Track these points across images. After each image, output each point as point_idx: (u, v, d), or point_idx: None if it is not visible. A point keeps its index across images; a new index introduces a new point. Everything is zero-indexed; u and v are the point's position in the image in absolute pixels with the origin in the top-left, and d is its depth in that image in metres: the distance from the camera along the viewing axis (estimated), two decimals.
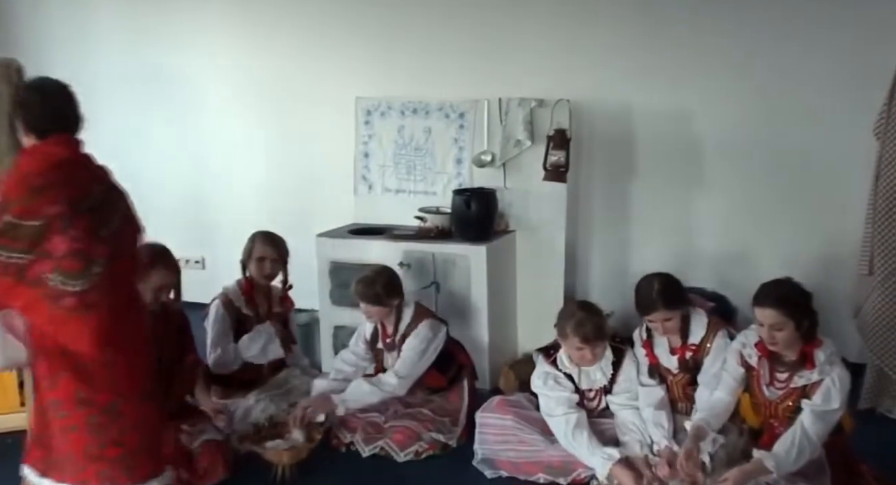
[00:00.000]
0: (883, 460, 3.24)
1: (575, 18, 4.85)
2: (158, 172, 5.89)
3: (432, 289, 4.45)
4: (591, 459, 3.27)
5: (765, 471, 2.92)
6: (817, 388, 3.02)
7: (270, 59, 5.52)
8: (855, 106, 4.18)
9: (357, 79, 5.21)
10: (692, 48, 4.68)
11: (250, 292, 4.05)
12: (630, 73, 4.80)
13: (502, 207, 4.67)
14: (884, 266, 3.89)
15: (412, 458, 3.62)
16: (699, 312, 3.50)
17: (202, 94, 5.74)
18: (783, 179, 4.61)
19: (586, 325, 3.36)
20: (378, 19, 5.24)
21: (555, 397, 3.44)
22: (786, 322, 2.98)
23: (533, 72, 4.87)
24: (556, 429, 3.40)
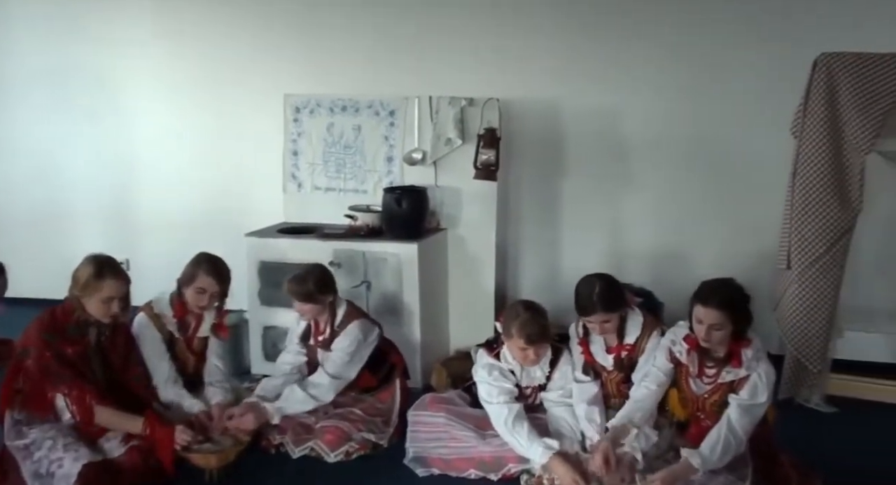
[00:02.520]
0: (801, 447, 3.33)
1: (504, 18, 4.90)
2: (81, 173, 5.74)
3: (363, 288, 4.42)
4: (529, 449, 3.27)
5: (692, 470, 2.98)
6: (744, 383, 3.09)
7: (196, 56, 5.42)
8: (775, 105, 4.32)
9: (285, 76, 5.16)
10: (619, 48, 4.78)
11: (182, 316, 3.75)
12: (559, 72, 4.86)
13: (433, 206, 4.67)
14: (800, 260, 4.02)
15: (343, 458, 3.58)
16: (636, 313, 3.54)
17: (126, 93, 5.60)
18: (708, 176, 4.75)
19: (531, 326, 3.38)
20: (307, 15, 5.19)
21: (497, 387, 3.45)
22: (726, 323, 3.04)
23: (463, 70, 4.90)
24: (495, 416, 3.39)
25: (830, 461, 3.35)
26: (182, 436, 3.30)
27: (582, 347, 3.54)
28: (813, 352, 4.05)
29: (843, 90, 3.92)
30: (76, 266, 3.37)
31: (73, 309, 3.32)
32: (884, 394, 4.16)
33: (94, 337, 3.38)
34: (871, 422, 3.96)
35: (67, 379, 3.25)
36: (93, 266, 3.32)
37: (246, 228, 4.71)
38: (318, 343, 3.85)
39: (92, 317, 3.33)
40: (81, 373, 3.29)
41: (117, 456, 3.24)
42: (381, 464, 3.57)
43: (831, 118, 3.95)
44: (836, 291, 4.03)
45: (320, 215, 4.83)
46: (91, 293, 3.29)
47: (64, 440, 3.22)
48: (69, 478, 3.07)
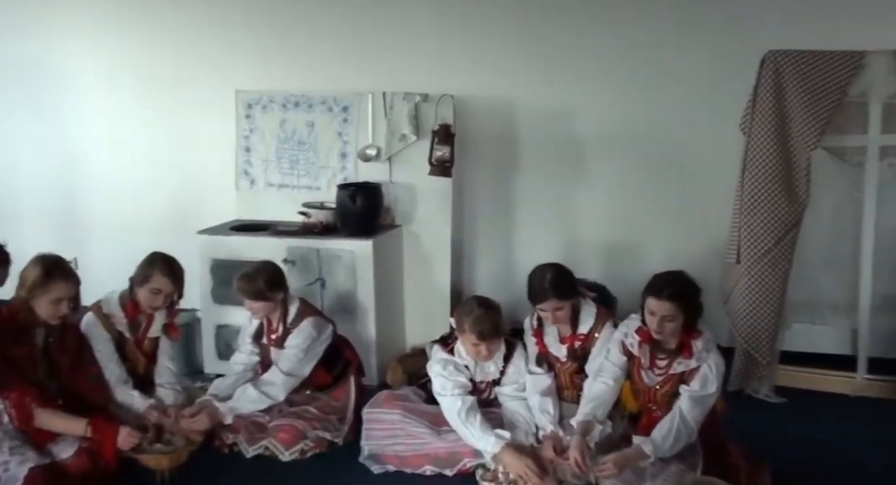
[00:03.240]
0: (750, 437, 3.40)
1: (458, 15, 4.90)
2: (27, 170, 5.61)
3: (318, 285, 4.38)
4: (481, 440, 3.28)
5: (643, 456, 3.02)
6: (695, 374, 3.14)
7: (146, 52, 5.33)
8: (724, 102, 4.37)
9: (237, 72, 5.10)
10: (572, 47, 4.81)
11: (134, 316, 3.68)
12: (513, 70, 4.88)
13: (388, 202, 4.66)
14: (749, 254, 4.10)
15: (297, 457, 3.55)
16: (589, 303, 3.59)
17: (72, 89, 5.48)
18: (659, 172, 4.80)
19: (484, 322, 3.39)
20: (258, 10, 5.12)
21: (452, 380, 3.46)
22: (678, 314, 3.08)
23: (417, 66, 4.89)
24: (448, 408, 3.40)
25: (779, 450, 3.42)
26: (128, 439, 3.23)
27: (536, 337, 3.58)
28: (762, 344, 4.13)
29: (790, 87, 4.00)
30: (24, 267, 3.29)
31: (18, 310, 3.24)
32: (830, 384, 4.25)
33: (41, 339, 3.30)
34: (818, 412, 4.04)
35: (8, 381, 3.17)
36: (41, 267, 3.24)
37: (198, 226, 4.65)
38: (271, 341, 3.81)
39: (40, 318, 3.25)
40: (25, 375, 3.21)
41: (65, 458, 3.17)
42: (337, 462, 3.55)
43: (779, 115, 4.03)
44: (784, 285, 4.11)
45: (274, 213, 4.79)
46: (39, 295, 3.21)
47: (10, 444, 3.13)
48: (15, 481, 3.00)
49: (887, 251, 4.23)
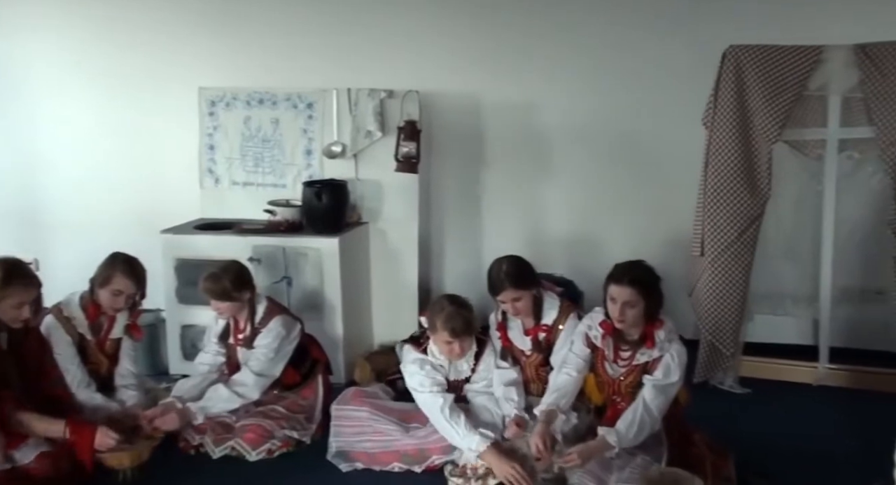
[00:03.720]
0: (715, 428, 3.43)
1: (423, 10, 4.89)
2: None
3: (284, 284, 4.36)
4: (466, 437, 3.27)
5: (608, 446, 3.05)
6: (658, 364, 3.18)
7: (108, 48, 5.24)
8: (687, 96, 4.40)
9: (200, 69, 5.04)
10: (537, 43, 4.83)
11: (95, 318, 3.63)
12: (478, 66, 4.88)
13: (354, 199, 4.64)
14: (713, 247, 4.14)
15: (265, 456, 3.52)
16: (552, 295, 3.62)
17: (34, 84, 5.38)
18: (625, 166, 4.83)
19: (455, 319, 3.39)
20: (222, 7, 5.07)
21: (431, 378, 3.46)
22: (639, 300, 3.12)
23: (382, 62, 4.87)
24: (430, 404, 3.38)
25: (743, 440, 3.47)
26: (105, 439, 3.20)
27: (500, 332, 3.61)
28: (726, 336, 4.18)
29: (750, 82, 4.04)
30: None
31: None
32: (792, 374, 4.31)
33: (4, 343, 3.24)
34: (781, 401, 4.10)
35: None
36: (0, 271, 3.17)
37: (161, 225, 4.60)
38: (239, 342, 3.78)
39: (1, 322, 3.19)
40: None
41: (27, 464, 3.12)
42: (305, 461, 3.53)
43: (740, 109, 4.07)
44: (747, 277, 4.16)
45: (239, 211, 4.75)
46: (0, 299, 3.15)
47: None
48: None
49: (847, 243, 4.29)
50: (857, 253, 4.31)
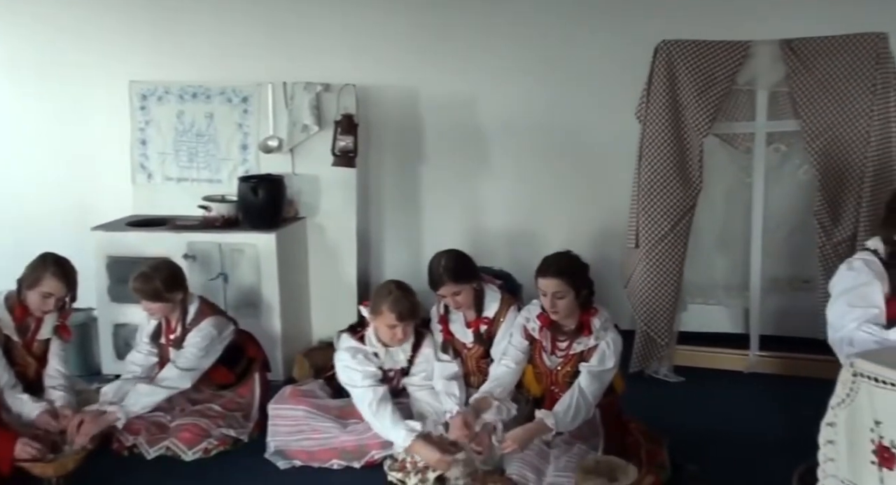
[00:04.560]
0: (650, 416, 3.51)
1: (359, 3, 4.85)
2: None
3: (220, 281, 4.30)
4: (392, 431, 3.28)
5: (545, 429, 3.10)
6: (594, 352, 3.24)
7: (34, 42, 5.09)
8: (622, 90, 4.46)
9: (131, 61, 4.93)
10: (474, 36, 4.83)
11: (22, 320, 3.51)
12: (415, 59, 4.87)
13: (291, 194, 4.59)
14: (647, 239, 4.21)
15: (201, 456, 3.46)
16: (493, 288, 3.65)
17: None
18: (561, 160, 4.88)
19: (402, 303, 3.39)
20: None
21: (362, 371, 3.44)
22: (567, 290, 3.17)
23: (318, 56, 4.83)
24: (360, 399, 3.38)
25: (677, 427, 3.54)
26: (26, 449, 3.11)
27: (441, 325, 3.63)
28: (661, 326, 4.26)
29: (682, 76, 4.12)
30: None
31: None
32: (725, 362, 4.42)
33: None
34: (713, 389, 4.19)
35: None
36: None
37: (92, 222, 4.49)
38: (170, 342, 3.70)
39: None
40: None
41: None
42: (242, 459, 3.49)
43: (672, 103, 4.14)
44: (680, 267, 4.25)
45: (173, 207, 4.66)
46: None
47: None
48: None
49: (775, 233, 4.41)
50: (786, 243, 4.45)
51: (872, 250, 2.83)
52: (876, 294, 2.70)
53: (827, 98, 4.00)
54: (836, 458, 2.33)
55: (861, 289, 2.72)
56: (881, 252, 2.80)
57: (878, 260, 2.78)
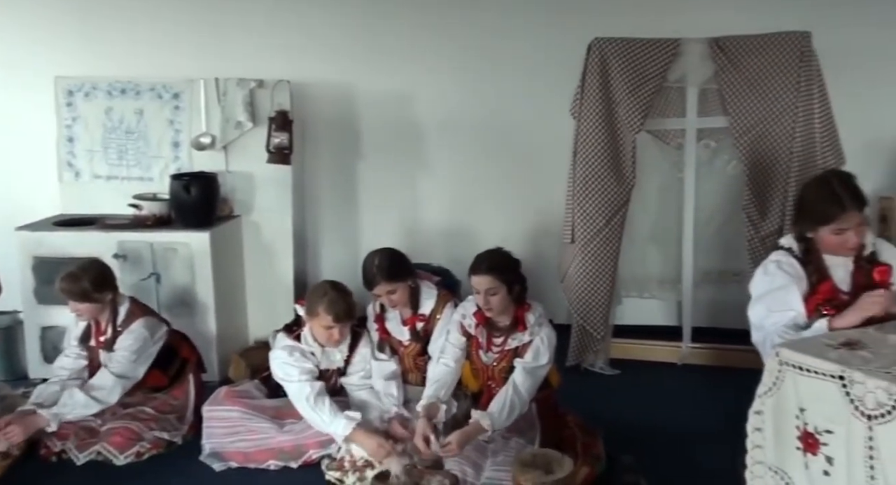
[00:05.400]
0: (586, 409, 3.56)
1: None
2: None
3: (152, 281, 4.20)
4: (332, 424, 3.25)
5: (481, 430, 3.11)
6: (528, 347, 3.26)
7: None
8: (557, 87, 4.51)
9: (56, 56, 4.77)
10: (410, 32, 4.83)
11: None
12: (350, 55, 4.84)
13: (225, 192, 4.52)
14: (583, 234, 4.27)
15: (134, 460, 3.39)
16: (429, 285, 3.64)
17: None
18: (498, 156, 4.90)
19: (338, 304, 3.36)
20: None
21: (298, 367, 3.40)
22: (499, 287, 3.19)
23: (251, 51, 4.76)
24: (296, 393, 3.34)
25: (613, 419, 3.61)
26: None
27: (377, 323, 3.61)
28: (596, 319, 4.32)
29: (614, 73, 4.18)
30: None
31: None
32: (659, 354, 4.51)
33: None
34: (648, 381, 4.27)
35: None
36: None
37: (17, 221, 4.35)
38: (100, 344, 3.61)
39: None
40: None
41: None
42: (176, 462, 3.42)
43: (605, 100, 4.20)
44: (615, 262, 4.31)
45: (102, 206, 4.55)
46: None
47: None
48: None
49: (706, 227, 4.51)
50: (716, 237, 4.54)
51: (787, 249, 2.91)
52: (792, 296, 2.78)
53: (754, 95, 4.10)
54: (763, 445, 2.40)
55: (777, 293, 2.80)
56: (795, 250, 2.88)
57: (793, 259, 2.86)
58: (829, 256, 2.84)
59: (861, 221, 2.78)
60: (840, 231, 2.76)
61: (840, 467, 2.16)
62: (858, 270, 2.82)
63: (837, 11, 4.37)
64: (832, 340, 2.39)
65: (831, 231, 2.77)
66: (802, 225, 2.88)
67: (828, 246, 2.82)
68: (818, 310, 2.76)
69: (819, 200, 2.81)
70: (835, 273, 2.83)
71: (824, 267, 2.83)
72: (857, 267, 2.82)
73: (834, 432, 2.17)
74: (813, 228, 2.82)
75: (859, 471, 2.10)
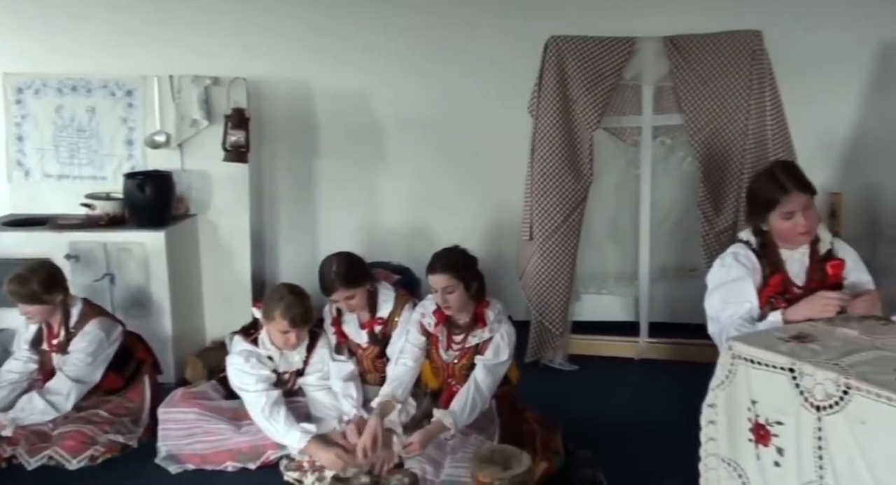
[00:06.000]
0: (545, 404, 3.58)
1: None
2: None
3: (106, 281, 4.13)
4: (287, 435, 3.23)
5: (444, 428, 3.11)
6: (488, 344, 3.27)
7: None
8: (515, 85, 4.52)
9: (4, 53, 4.67)
10: (366, 29, 4.81)
11: None
12: (309, 52, 4.81)
13: (181, 191, 4.46)
14: (541, 231, 4.29)
15: (87, 464, 3.32)
16: (387, 287, 3.61)
17: None
18: (457, 154, 4.91)
19: (295, 308, 3.32)
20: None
21: (255, 374, 3.36)
22: (456, 284, 3.19)
23: (206, 48, 4.70)
24: (252, 404, 3.31)
25: (571, 413, 3.63)
26: None
27: (334, 327, 3.57)
28: (555, 316, 4.34)
29: (571, 71, 4.21)
30: None
31: None
32: (617, 349, 4.55)
33: None
34: (606, 375, 4.32)
35: None
36: None
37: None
38: (53, 347, 3.54)
39: None
40: None
41: None
42: (131, 465, 3.37)
43: (562, 97, 4.23)
44: (573, 258, 4.34)
45: (53, 205, 4.46)
46: None
47: None
48: None
49: (663, 224, 4.56)
50: (672, 233, 4.61)
51: (745, 242, 2.96)
52: (747, 288, 2.82)
53: (707, 93, 4.16)
54: (716, 437, 2.44)
55: (733, 284, 2.85)
56: (753, 243, 2.93)
57: (750, 252, 2.91)
58: (786, 252, 2.89)
59: (807, 204, 2.82)
60: (788, 215, 2.81)
61: (790, 458, 2.20)
62: (813, 265, 2.87)
63: (788, 11, 4.45)
64: (783, 333, 2.44)
65: (780, 216, 2.82)
66: (755, 217, 2.93)
67: (780, 234, 2.86)
68: (770, 302, 2.81)
69: (764, 188, 2.87)
70: (790, 268, 2.88)
71: (779, 260, 2.88)
72: (813, 262, 2.88)
73: (784, 424, 2.21)
74: (763, 216, 2.87)
75: (809, 461, 2.14)
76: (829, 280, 2.84)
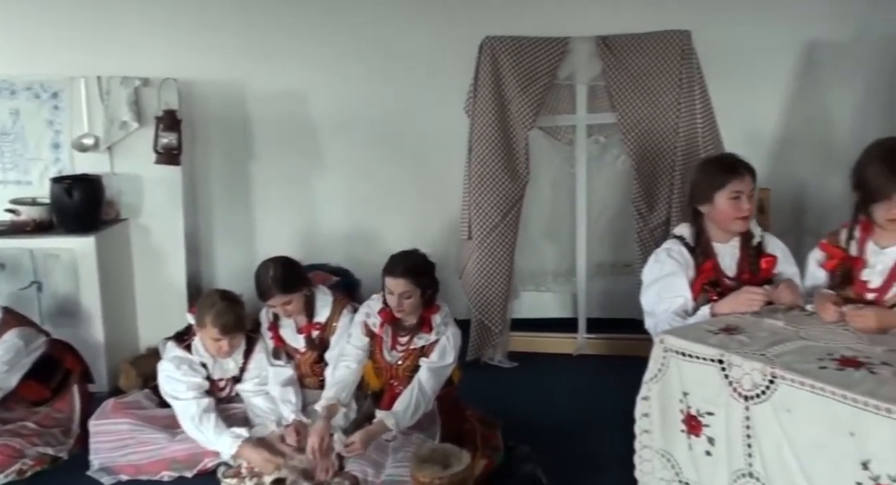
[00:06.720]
0: (486, 402, 3.60)
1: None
2: None
3: (33, 289, 4.01)
4: (217, 441, 3.19)
5: (386, 429, 3.10)
6: (434, 347, 3.26)
7: None
8: (452, 85, 4.53)
9: None
10: (300, 28, 4.75)
11: None
12: (241, 52, 4.73)
13: (111, 195, 4.36)
14: (480, 230, 4.31)
15: (15, 478, 3.21)
16: (324, 291, 3.57)
17: None
18: (395, 154, 4.89)
19: (227, 315, 3.27)
20: None
21: (186, 382, 3.31)
22: (413, 290, 3.18)
23: (135, 48, 4.59)
24: (183, 411, 3.26)
25: (511, 410, 3.66)
26: None
27: (271, 332, 3.53)
28: (494, 314, 4.37)
29: (506, 71, 4.24)
30: None
31: None
32: (555, 346, 4.60)
33: None
34: (545, 372, 4.36)
35: None
36: None
37: None
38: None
39: None
40: None
41: None
42: (62, 478, 3.28)
43: (498, 97, 4.26)
44: (511, 257, 4.38)
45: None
46: None
47: None
48: None
49: (598, 221, 4.63)
50: (608, 230, 4.68)
51: (679, 237, 3.02)
52: (680, 283, 2.88)
53: (639, 92, 4.23)
54: (650, 430, 2.48)
55: (666, 279, 2.90)
56: (687, 237, 2.99)
57: (683, 247, 2.97)
58: (718, 245, 2.95)
59: (751, 190, 2.91)
60: (736, 195, 2.87)
61: (720, 447, 2.26)
62: (745, 257, 2.94)
63: (716, 12, 4.55)
64: (713, 326, 2.50)
65: (728, 195, 2.87)
66: (698, 198, 2.95)
67: (721, 217, 2.90)
68: (704, 290, 2.87)
69: (715, 170, 2.94)
70: (722, 260, 2.94)
71: (711, 250, 2.94)
72: (744, 254, 2.95)
73: (714, 414, 2.27)
74: (709, 196, 2.90)
75: (738, 450, 2.20)
76: (761, 274, 2.91)
